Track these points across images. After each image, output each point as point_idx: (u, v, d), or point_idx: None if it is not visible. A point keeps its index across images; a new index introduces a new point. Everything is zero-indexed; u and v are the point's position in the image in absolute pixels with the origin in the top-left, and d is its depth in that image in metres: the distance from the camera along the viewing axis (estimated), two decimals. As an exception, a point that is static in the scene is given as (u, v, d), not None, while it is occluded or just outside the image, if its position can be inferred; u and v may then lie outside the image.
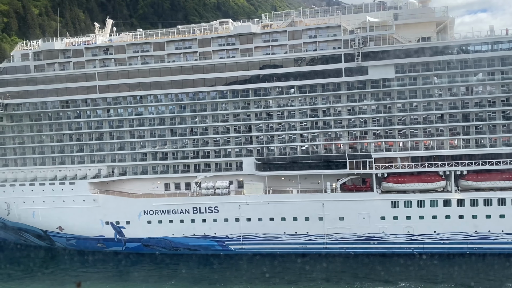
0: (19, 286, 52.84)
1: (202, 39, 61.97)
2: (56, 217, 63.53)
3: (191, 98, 62.88)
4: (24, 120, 66.30)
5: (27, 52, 65.66)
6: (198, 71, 61.97)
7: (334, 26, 59.49)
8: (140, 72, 62.93)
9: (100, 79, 63.71)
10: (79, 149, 65.50)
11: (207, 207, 60.45)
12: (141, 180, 64.58)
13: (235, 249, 60.30)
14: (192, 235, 60.93)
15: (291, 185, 60.87)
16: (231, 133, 62.57)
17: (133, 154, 64.59)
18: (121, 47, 63.82)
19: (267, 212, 59.04)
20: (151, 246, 62.30)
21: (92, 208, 62.56)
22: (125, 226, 62.29)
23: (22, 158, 66.48)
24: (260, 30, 61.30)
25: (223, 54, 62.04)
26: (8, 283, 53.90)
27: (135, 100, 64.07)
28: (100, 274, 57.36)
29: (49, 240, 65.60)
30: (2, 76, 65.83)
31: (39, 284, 53.92)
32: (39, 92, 64.99)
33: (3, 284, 53.51)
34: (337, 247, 58.31)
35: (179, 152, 63.78)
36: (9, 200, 64.62)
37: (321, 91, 59.77)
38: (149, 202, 61.53)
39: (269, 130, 61.69)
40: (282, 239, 59.07)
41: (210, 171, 63.16)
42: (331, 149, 60.40)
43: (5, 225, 66.45)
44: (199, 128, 63.33)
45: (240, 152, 62.50)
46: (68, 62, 64.96)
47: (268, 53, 61.00)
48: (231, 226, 59.92)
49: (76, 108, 64.97)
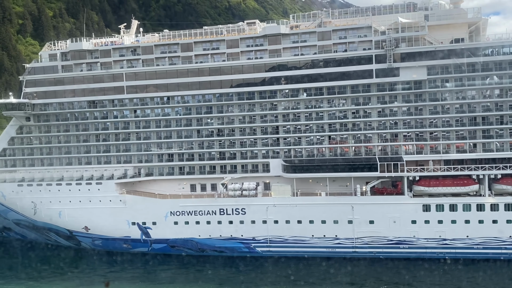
0: (50, 285, 52.90)
1: (230, 40, 61.66)
2: (83, 217, 63.53)
3: (218, 99, 62.56)
4: (51, 120, 66.56)
5: (55, 52, 65.93)
6: (226, 72, 61.67)
7: (365, 27, 58.79)
8: (168, 73, 62.79)
9: (127, 80, 63.71)
10: (105, 149, 65.52)
11: (234, 209, 59.98)
12: (167, 181, 64.37)
13: (262, 252, 59.72)
14: (219, 236, 60.50)
15: (318, 187, 60.19)
16: (258, 135, 62.11)
17: (159, 155, 64.43)
18: (149, 47, 63.76)
19: (295, 214, 58.39)
20: (177, 247, 61.98)
21: (119, 209, 62.46)
22: (151, 227, 62.07)
23: (49, 158, 66.71)
24: (289, 31, 60.78)
25: (251, 55, 61.66)
26: (39, 282, 54.05)
27: (162, 101, 63.95)
28: (127, 274, 57.23)
29: (75, 240, 65.65)
30: (30, 76, 66.21)
31: (68, 283, 54.01)
32: (67, 92, 65.24)
33: (35, 283, 53.66)
34: (367, 251, 57.44)
35: (205, 153, 63.48)
36: (36, 200, 64.79)
37: (350, 93, 59.04)
38: (176, 203, 61.24)
39: (297, 132, 61.10)
40: (310, 242, 58.36)
41: (237, 172, 62.70)
42: (360, 151, 59.60)
43: (31, 225, 66.62)
44: (226, 129, 62.98)
45: (267, 153, 61.99)
46: (95, 62, 65.09)
47: (297, 54, 60.48)
48: (258, 228, 59.36)
49: (103, 108, 65.05)
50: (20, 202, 65.49)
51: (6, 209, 66.67)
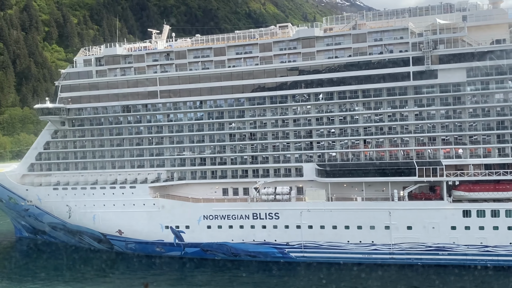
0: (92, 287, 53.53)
1: (263, 43, 61.45)
2: (116, 221, 63.99)
3: (251, 103, 62.35)
4: (85, 124, 67.45)
5: (90, 57, 66.88)
6: (259, 75, 61.47)
7: (401, 29, 57.79)
8: (201, 77, 62.94)
9: (161, 84, 64.12)
10: (139, 153, 65.97)
11: (267, 213, 59.48)
12: (200, 185, 64.36)
13: (296, 257, 58.97)
14: (252, 241, 60.04)
15: (353, 192, 59.18)
16: (291, 138, 61.60)
17: (192, 159, 64.52)
18: (182, 52, 64.09)
19: (330, 219, 57.53)
20: (211, 252, 61.76)
21: (152, 212, 62.71)
22: (184, 230, 62.06)
23: (83, 162, 67.55)
24: (323, 34, 60.22)
25: (284, 58, 61.32)
26: (82, 284, 54.63)
27: (195, 105, 64.10)
28: (164, 277, 57.29)
29: (108, 243, 66.13)
30: (65, 81, 67.30)
31: (109, 285, 54.45)
32: (101, 97, 66.05)
33: (78, 285, 54.24)
34: (404, 257, 56.08)
35: (238, 157, 63.26)
36: (71, 203, 65.60)
37: (386, 95, 58.05)
38: (209, 207, 61.11)
39: (331, 135, 60.35)
40: (345, 248, 57.34)
41: (269, 176, 62.24)
42: (397, 155, 58.45)
43: (66, 228, 67.50)
44: (258, 133, 62.67)
45: (300, 157, 61.35)
46: (129, 67, 65.76)
47: (331, 56, 59.85)
48: (292, 233, 58.69)
49: (136, 112, 65.59)
50: (55, 206, 66.43)
51: (41, 212, 67.72)
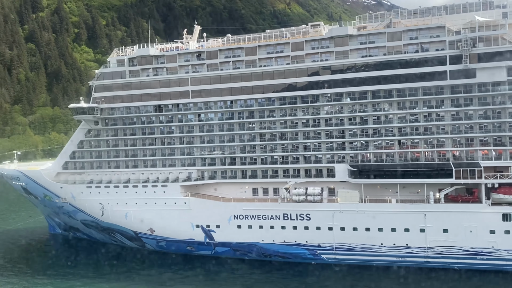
0: (125, 284, 54.18)
1: (295, 42, 60.97)
2: (148, 219, 64.68)
3: (281, 102, 61.96)
4: (118, 124, 68.48)
5: (123, 58, 67.87)
6: (290, 74, 61.02)
7: (438, 27, 56.30)
8: (232, 77, 62.96)
9: (192, 84, 64.48)
10: (170, 152, 66.53)
11: (298, 214, 58.95)
12: (230, 184, 64.34)
13: (328, 259, 58.23)
14: (283, 242, 59.62)
15: (387, 194, 58.03)
16: (323, 138, 60.89)
17: (222, 158, 64.62)
18: (213, 52, 64.26)
19: (363, 221, 56.55)
20: (241, 251, 61.68)
21: (183, 211, 63.08)
22: (215, 230, 62.19)
23: (116, 161, 68.58)
24: (356, 32, 59.29)
25: (316, 57, 60.67)
26: (114, 280, 55.43)
27: (226, 104, 64.17)
28: (194, 276, 57.50)
29: (140, 241, 66.94)
30: (99, 81, 68.51)
31: (140, 282, 55.21)
32: (134, 96, 66.93)
33: (109, 281, 55.05)
34: (440, 261, 54.59)
35: (268, 157, 62.96)
36: (104, 201, 66.68)
37: (422, 95, 56.65)
38: (239, 207, 61.01)
39: (364, 136, 59.32)
40: (379, 251, 56.26)
41: (300, 177, 61.67)
42: (433, 156, 56.96)
43: (98, 225, 68.68)
44: (289, 133, 62.22)
45: (332, 158, 60.56)
46: (161, 67, 66.40)
47: (365, 55, 58.85)
48: (324, 234, 57.98)
49: (168, 112, 66.17)
50: (89, 203, 67.66)
51: (75, 210, 69.12)
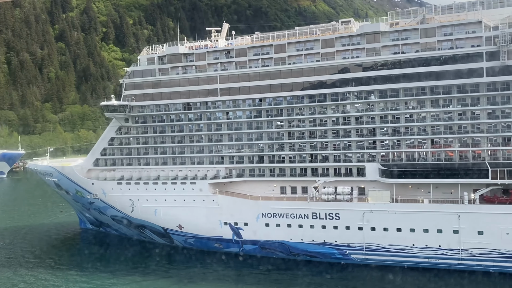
0: (153, 281, 54.93)
1: (325, 39, 60.31)
2: (177, 216, 65.33)
3: (311, 100, 61.42)
4: (148, 121, 69.43)
5: (153, 56, 68.71)
6: (320, 72, 60.42)
7: (474, 22, 54.59)
8: (261, 74, 62.82)
9: (221, 82, 64.68)
10: (198, 150, 67.02)
11: (327, 213, 58.36)
12: (257, 182, 64.29)
13: (357, 259, 57.43)
14: (311, 241, 59.16)
15: (419, 193, 56.76)
16: (353, 137, 60.05)
17: (250, 156, 64.61)
18: (242, 50, 64.27)
19: (394, 222, 55.48)
20: (268, 250, 61.57)
21: (211, 208, 63.43)
22: (243, 227, 62.27)
23: (145, 158, 69.60)
24: (388, 29, 58.12)
25: (347, 54, 59.82)
26: (143, 276, 56.17)
27: (254, 102, 64.09)
28: (222, 273, 57.75)
29: (169, 238, 67.73)
30: (129, 79, 69.58)
31: (168, 278, 55.75)
32: (163, 94, 67.69)
33: (138, 277, 55.85)
34: (474, 263, 53.01)
35: (296, 155, 62.57)
36: (134, 198, 67.73)
37: (457, 93, 55.08)
38: (268, 205, 60.87)
39: (396, 134, 58.17)
40: (410, 252, 55.09)
41: (329, 176, 61.05)
42: (467, 156, 55.35)
43: (128, 221, 69.86)
44: (318, 131, 61.64)
45: (362, 157, 59.66)
46: (190, 65, 66.88)
47: (397, 52, 57.65)
48: (353, 234, 57.20)
49: (197, 110, 66.62)
50: (119, 200, 68.87)
51: (106, 206, 70.51)
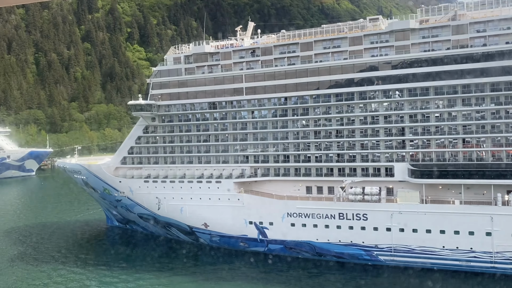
0: (179, 279, 55.23)
1: (353, 37, 59.43)
2: (202, 214, 65.67)
3: (338, 99, 60.65)
4: (174, 120, 70.01)
5: (179, 55, 69.20)
6: (348, 70, 59.61)
7: (509, 18, 52.79)
8: (287, 73, 62.44)
9: (247, 81, 64.61)
10: (224, 149, 67.17)
11: (354, 214, 57.54)
12: (283, 182, 63.97)
13: (385, 261, 56.45)
14: (338, 241, 58.47)
15: (449, 194, 55.32)
16: (381, 136, 59.01)
17: (275, 156, 64.34)
18: (268, 48, 64.02)
19: (423, 223, 54.26)
20: (294, 250, 61.20)
21: (237, 207, 63.49)
22: (268, 227, 62.08)
23: (171, 156, 70.20)
24: (418, 26, 56.83)
25: (375, 52, 58.81)
26: (169, 273, 56.59)
27: (280, 101, 63.76)
28: (247, 272, 57.72)
29: (194, 236, 68.16)
30: (156, 79, 70.30)
31: (194, 276, 56.00)
32: (189, 93, 68.11)
33: (164, 274, 56.32)
34: (508, 267, 51.32)
35: (322, 155, 61.93)
36: (160, 196, 68.45)
37: (490, 91, 53.42)
38: (293, 205, 60.48)
39: (426, 134, 56.86)
40: (440, 254, 53.77)
41: (356, 175, 60.18)
42: (501, 156, 53.62)
43: (154, 219, 70.65)
44: (345, 131, 60.84)
45: (391, 156, 58.57)
46: (216, 64, 67.05)
47: (427, 49, 56.31)
48: (381, 235, 56.23)
49: (222, 109, 66.77)
50: (146, 198, 69.73)
51: (133, 203, 71.50)
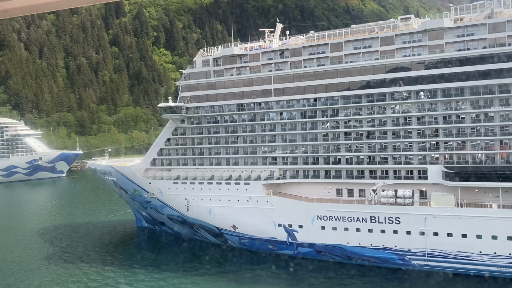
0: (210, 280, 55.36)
1: (384, 37, 58.31)
2: (231, 216, 65.65)
3: (369, 99, 59.58)
4: (202, 122, 70.41)
5: (208, 58, 69.60)
6: (379, 71, 58.50)
7: (550, 14, 50.70)
8: (316, 74, 61.82)
9: (275, 82, 64.33)
10: (252, 150, 67.02)
11: (387, 217, 56.28)
12: (312, 184, 63.28)
13: (419, 265, 54.93)
14: (369, 245, 57.31)
15: (486, 198, 53.35)
16: (414, 138, 57.57)
17: (304, 157, 63.73)
18: (297, 49, 63.57)
19: (459, 227, 52.53)
20: (324, 253, 60.36)
21: (265, 209, 63.16)
22: (297, 230, 61.48)
23: (200, 158, 70.60)
24: (453, 24, 55.24)
25: (408, 52, 57.49)
26: (196, 275, 56.78)
27: (309, 102, 63.17)
28: (275, 275, 57.24)
29: (223, 237, 68.23)
30: (185, 81, 70.92)
31: (222, 278, 55.95)
32: (218, 95, 68.37)
33: (192, 275, 56.54)
34: (551, 274, 49.16)
35: (353, 156, 60.92)
36: (189, 197, 68.87)
37: (530, 91, 51.37)
38: (323, 207, 59.69)
39: (461, 135, 55.13)
40: (477, 259, 51.89)
41: (388, 178, 58.88)
42: (542, 158, 51.44)
43: (183, 220, 71.15)
44: (377, 132, 59.67)
45: (424, 159, 57.04)
46: (245, 66, 67.09)
47: (462, 49, 54.62)
48: (415, 239, 54.77)
49: (251, 111, 66.69)
50: (175, 199, 70.30)
51: (162, 205, 72.24)
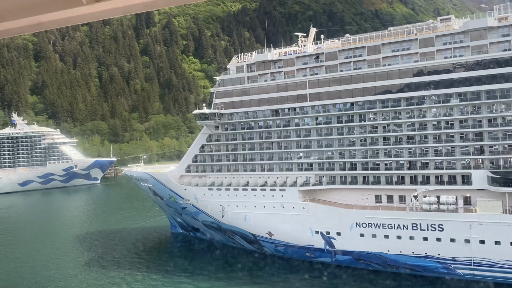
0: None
1: (424, 38, 56.71)
2: (266, 223, 65.04)
3: (409, 103, 57.94)
4: (237, 128, 70.37)
5: (242, 64, 69.67)
6: (418, 73, 56.86)
7: None
8: (353, 78, 60.71)
9: (310, 87, 63.60)
10: (287, 156, 66.36)
11: (429, 224, 54.30)
12: (349, 190, 61.94)
13: (464, 274, 52.62)
14: (411, 253, 55.39)
15: (537, 204, 50.76)
16: (457, 142, 55.49)
17: (341, 163, 62.52)
18: (333, 53, 62.69)
19: (507, 235, 50.04)
20: (363, 261, 58.80)
21: (302, 216, 62.22)
22: (335, 237, 60.20)
23: (235, 164, 70.48)
24: (497, 24, 53.12)
25: (448, 53, 55.67)
26: (231, 282, 56.30)
27: (345, 107, 62.05)
28: (305, 284, 56.12)
29: (258, 244, 67.66)
30: (219, 88, 71.19)
31: (257, 286, 55.26)
32: (252, 101, 68.20)
33: (226, 282, 56.10)
34: None
35: (392, 162, 59.27)
36: (224, 204, 68.75)
37: None
38: (362, 214, 58.24)
39: (507, 138, 52.72)
40: (528, 269, 49.31)
41: (429, 184, 56.90)
42: None
43: (219, 227, 71.08)
44: (417, 136, 57.89)
45: (468, 163, 54.85)
46: (279, 72, 66.71)
47: (507, 49, 52.38)
48: (459, 247, 52.54)
49: (285, 116, 66.14)
50: (210, 205, 70.33)
51: (197, 211, 72.44)
